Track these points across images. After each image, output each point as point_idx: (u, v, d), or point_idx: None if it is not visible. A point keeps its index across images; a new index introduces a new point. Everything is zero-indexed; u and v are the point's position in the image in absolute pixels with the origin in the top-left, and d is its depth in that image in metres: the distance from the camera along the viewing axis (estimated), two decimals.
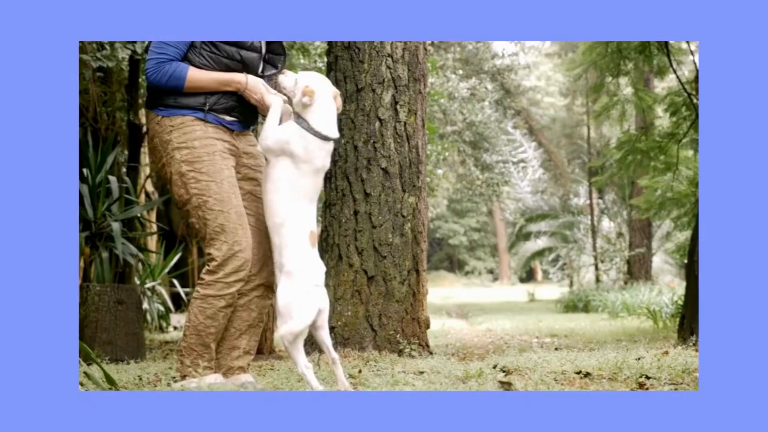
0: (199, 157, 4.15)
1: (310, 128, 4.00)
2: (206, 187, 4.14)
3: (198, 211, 4.17)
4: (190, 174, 4.15)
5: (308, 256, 4.00)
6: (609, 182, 18.65)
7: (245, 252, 4.16)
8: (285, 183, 4.01)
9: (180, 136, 4.17)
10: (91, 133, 8.27)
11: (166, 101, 4.20)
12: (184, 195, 4.19)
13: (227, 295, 4.16)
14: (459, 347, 7.33)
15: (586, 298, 17.06)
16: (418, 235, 6.07)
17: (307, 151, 4.00)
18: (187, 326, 4.21)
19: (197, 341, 4.18)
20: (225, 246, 4.14)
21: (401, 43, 6.04)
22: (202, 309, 4.16)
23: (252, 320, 4.38)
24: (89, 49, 7.95)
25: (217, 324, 4.18)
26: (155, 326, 10.46)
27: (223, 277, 4.14)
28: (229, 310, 4.21)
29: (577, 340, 8.24)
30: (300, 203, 4.03)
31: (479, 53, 22.07)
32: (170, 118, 4.20)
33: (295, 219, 4.01)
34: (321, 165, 4.07)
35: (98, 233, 7.77)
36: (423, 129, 6.21)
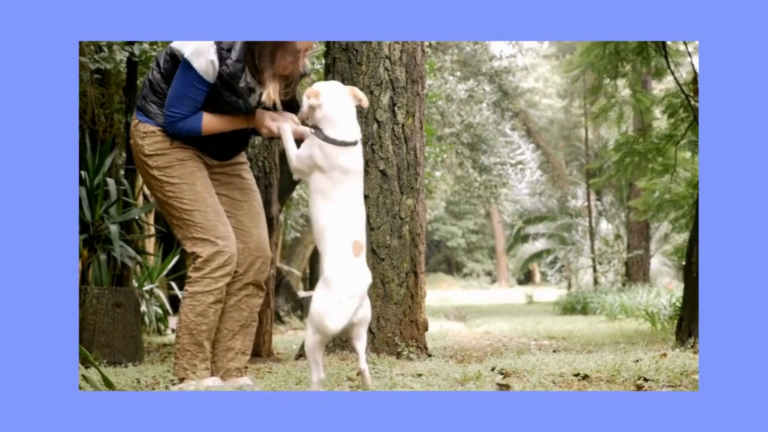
0: (170, 164, 4.25)
1: (326, 138, 3.92)
2: (179, 189, 4.23)
3: (175, 212, 4.26)
4: (163, 179, 4.25)
5: (348, 264, 3.87)
6: (607, 184, 18.68)
7: (229, 247, 4.24)
8: (320, 194, 3.95)
9: (151, 144, 4.26)
10: (89, 135, 8.26)
11: (146, 107, 4.28)
12: (161, 198, 4.29)
13: (215, 290, 4.22)
14: (457, 350, 7.33)
15: (584, 300, 17.06)
16: (416, 237, 6.07)
17: (330, 159, 3.92)
18: (179, 327, 4.25)
19: (190, 341, 4.21)
20: (208, 243, 4.22)
21: (399, 45, 6.04)
22: (191, 307, 4.21)
23: (244, 320, 4.41)
24: (87, 51, 7.95)
25: (208, 321, 4.22)
26: (153, 329, 10.45)
27: (210, 273, 4.21)
28: (218, 306, 4.25)
29: (575, 343, 8.24)
30: (338, 211, 3.92)
31: (477, 55, 22.08)
32: (144, 125, 4.27)
33: (335, 227, 3.90)
34: (351, 167, 3.96)
35: (96, 236, 7.76)
36: (421, 131, 6.20)
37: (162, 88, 4.23)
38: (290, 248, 18.59)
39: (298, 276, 17.46)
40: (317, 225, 3.95)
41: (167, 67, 4.22)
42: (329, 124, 3.94)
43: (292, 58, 4.11)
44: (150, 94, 4.27)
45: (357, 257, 3.90)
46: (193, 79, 4.09)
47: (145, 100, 4.29)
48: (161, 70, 4.23)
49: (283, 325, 12.69)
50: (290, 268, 16.50)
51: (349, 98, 4.01)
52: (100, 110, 8.79)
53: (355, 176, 3.99)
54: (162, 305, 10.75)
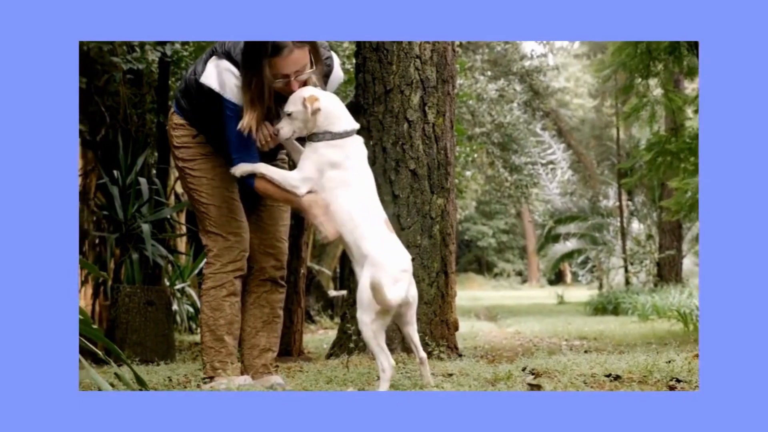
0: (193, 157, 4.36)
1: (335, 134, 4.02)
2: (200, 183, 4.34)
3: (196, 204, 4.38)
4: (187, 170, 4.36)
5: (389, 241, 3.95)
6: (639, 184, 18.58)
7: (240, 243, 4.34)
8: (340, 188, 3.99)
9: (179, 137, 4.37)
10: (121, 134, 8.31)
11: (180, 101, 4.36)
12: (185, 188, 4.43)
13: (227, 283, 4.31)
14: (488, 349, 7.31)
15: (616, 301, 16.96)
16: (446, 237, 6.06)
17: (344, 151, 4.02)
18: (201, 326, 4.37)
19: (211, 337, 4.30)
20: (220, 238, 4.32)
21: (429, 45, 6.04)
22: (207, 303, 4.33)
23: (266, 317, 4.47)
24: (120, 51, 8.00)
25: (225, 315, 4.30)
26: (185, 327, 10.50)
27: (221, 268, 4.31)
28: (233, 300, 4.33)
29: (607, 343, 8.19)
30: (362, 194, 4.01)
31: (508, 54, 22.01)
32: (176, 116, 4.39)
33: (364, 210, 3.98)
34: (361, 151, 4.10)
35: (128, 235, 7.81)
36: (451, 130, 6.20)
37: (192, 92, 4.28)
38: (320, 248, 18.60)
39: (328, 275, 17.46)
40: (345, 214, 3.97)
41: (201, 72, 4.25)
42: (335, 120, 4.03)
43: (281, 83, 4.04)
44: (184, 89, 4.33)
45: (392, 233, 4.00)
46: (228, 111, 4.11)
47: (180, 93, 4.37)
48: (196, 75, 4.25)
49: (314, 324, 12.70)
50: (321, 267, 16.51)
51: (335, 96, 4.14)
52: (133, 110, 8.83)
53: (364, 160, 4.11)
54: (193, 304, 10.79)
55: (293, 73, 4.01)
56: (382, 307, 3.76)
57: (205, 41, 9.85)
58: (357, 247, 3.93)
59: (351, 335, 5.89)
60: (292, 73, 4.01)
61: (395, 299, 3.75)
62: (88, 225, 8.76)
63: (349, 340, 5.89)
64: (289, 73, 4.01)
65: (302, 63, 4.03)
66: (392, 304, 3.75)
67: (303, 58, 4.02)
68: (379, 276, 3.73)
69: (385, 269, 3.80)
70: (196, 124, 4.31)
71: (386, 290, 3.71)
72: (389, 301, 3.72)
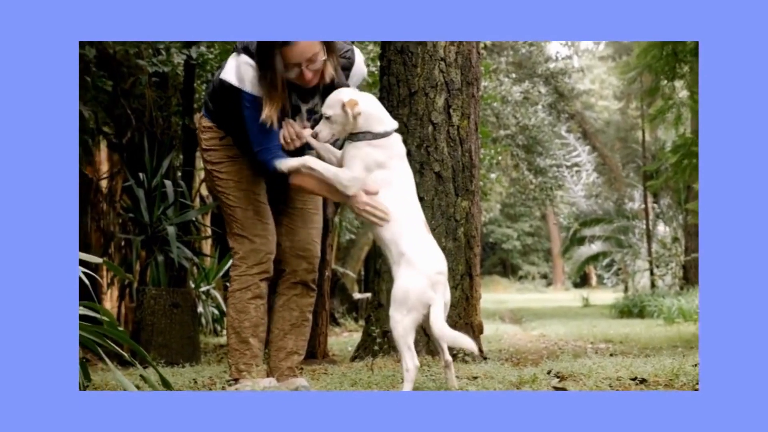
0: (221, 160, 4.37)
1: (378, 134, 4.03)
2: (227, 185, 4.35)
3: (223, 207, 4.40)
4: (215, 173, 4.38)
5: (427, 242, 3.96)
6: (664, 186, 18.49)
7: (266, 245, 4.34)
8: (383, 188, 4.01)
9: (208, 140, 4.39)
10: (147, 137, 8.34)
11: (208, 104, 4.39)
12: (213, 191, 4.46)
13: (252, 286, 4.32)
14: (512, 352, 7.30)
15: (642, 304, 16.90)
16: (471, 240, 6.05)
17: (387, 151, 4.03)
18: (227, 328, 4.40)
19: (236, 339, 4.32)
20: (246, 240, 4.33)
21: (454, 47, 6.03)
22: (232, 305, 4.35)
23: (294, 320, 4.46)
24: (146, 54, 8.03)
25: (250, 317, 4.32)
26: (210, 330, 10.53)
27: (246, 270, 4.32)
28: (259, 302, 4.34)
29: (633, 346, 8.16)
30: (402, 194, 4.02)
31: (532, 56, 21.96)
32: (205, 119, 4.41)
33: (405, 210, 3.99)
34: (402, 150, 4.11)
35: (154, 237, 7.84)
36: (476, 133, 6.19)
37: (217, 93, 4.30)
38: (345, 250, 18.64)
39: (353, 278, 17.50)
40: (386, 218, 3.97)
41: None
42: (377, 121, 4.03)
43: (293, 72, 4.06)
44: (211, 92, 4.37)
45: (429, 235, 4.00)
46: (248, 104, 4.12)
47: (208, 96, 4.40)
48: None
49: (338, 326, 12.71)
50: (345, 269, 16.54)
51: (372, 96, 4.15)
52: (158, 113, 8.88)
53: (405, 158, 4.13)
54: (218, 306, 10.82)
55: (305, 61, 4.02)
56: (415, 311, 3.78)
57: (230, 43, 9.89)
58: (395, 245, 3.93)
59: (375, 338, 5.88)
60: (304, 61, 4.02)
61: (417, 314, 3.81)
62: (114, 227, 8.81)
63: (374, 342, 5.88)
64: (300, 62, 4.02)
65: (312, 51, 4.03)
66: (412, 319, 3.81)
67: (312, 47, 4.02)
68: (413, 282, 3.79)
69: (422, 270, 3.82)
70: (223, 126, 4.32)
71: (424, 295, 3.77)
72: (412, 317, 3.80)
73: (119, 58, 8.68)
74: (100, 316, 3.78)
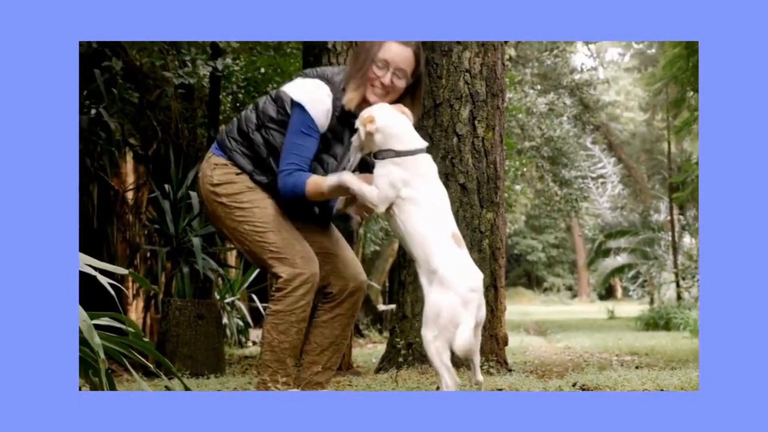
0: (240, 190, 4.21)
1: (399, 152, 3.92)
2: (251, 213, 4.18)
3: (247, 237, 4.20)
4: (233, 205, 4.21)
5: (459, 258, 3.86)
6: (690, 198, 18.38)
7: (309, 266, 4.16)
8: (410, 205, 3.92)
9: (221, 175, 4.23)
10: (172, 149, 8.37)
11: (225, 142, 4.28)
12: (230, 225, 4.24)
13: (298, 309, 4.14)
14: (538, 364, 7.27)
15: (667, 316, 16.80)
16: (496, 251, 6.04)
17: (411, 170, 3.91)
18: (262, 343, 4.23)
19: (272, 357, 4.18)
20: (287, 263, 4.15)
21: (479, 59, 6.04)
22: (274, 325, 4.16)
23: (334, 338, 4.36)
24: (171, 66, 8.07)
25: (291, 339, 4.17)
26: (234, 341, 10.54)
27: (292, 292, 4.13)
28: (302, 325, 4.19)
29: (658, 359, 8.11)
30: (432, 211, 3.92)
31: (557, 68, 21.95)
32: (217, 157, 4.28)
33: (434, 227, 3.89)
34: (430, 170, 3.98)
35: (179, 248, 7.87)
36: (501, 144, 6.18)
37: (249, 127, 4.23)
38: (369, 262, 18.63)
39: (377, 289, 17.50)
40: (416, 234, 3.89)
41: (265, 108, 4.23)
42: (396, 140, 3.92)
43: (378, 68, 4.06)
44: (234, 129, 4.27)
45: (461, 248, 3.89)
46: (302, 125, 4.09)
47: (227, 135, 4.29)
48: (257, 110, 4.24)
49: (363, 338, 12.72)
50: (370, 281, 16.54)
51: (400, 113, 4.01)
52: (184, 125, 8.91)
53: (435, 177, 3.98)
54: (243, 317, 10.84)
55: (393, 66, 4.05)
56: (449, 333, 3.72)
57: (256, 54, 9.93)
58: (426, 263, 3.85)
59: (400, 349, 5.88)
60: (392, 65, 4.05)
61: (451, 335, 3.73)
62: (140, 239, 8.84)
63: (398, 354, 5.88)
64: (389, 62, 4.05)
65: (406, 63, 4.07)
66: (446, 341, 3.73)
67: (407, 59, 4.07)
68: (446, 303, 3.71)
69: (454, 288, 3.75)
70: (245, 162, 4.23)
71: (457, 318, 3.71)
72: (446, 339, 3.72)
73: (145, 70, 8.73)
74: (125, 327, 3.79)
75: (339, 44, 6.79)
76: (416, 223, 3.89)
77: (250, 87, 10.09)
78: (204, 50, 9.05)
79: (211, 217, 4.35)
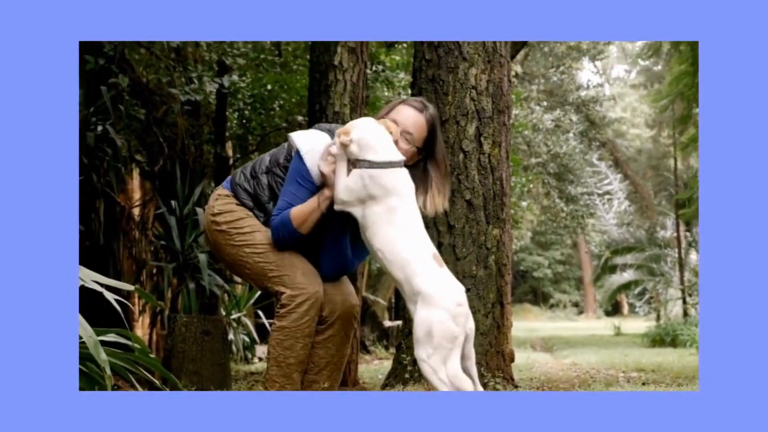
0: (239, 217, 4.27)
1: (372, 163, 3.89)
2: (251, 237, 4.23)
3: (248, 260, 4.24)
4: (232, 231, 4.26)
5: (441, 275, 3.83)
6: (697, 214, 18.38)
7: (312, 281, 4.20)
8: (383, 223, 3.89)
9: (222, 205, 4.30)
10: (179, 165, 8.39)
11: (235, 176, 4.36)
12: (230, 251, 4.28)
13: (302, 325, 4.17)
14: (544, 381, 7.25)
15: (674, 333, 16.75)
16: (502, 268, 6.04)
17: (384, 185, 3.88)
18: (268, 359, 4.26)
19: (278, 372, 4.21)
20: (289, 280, 4.19)
21: (485, 75, 6.04)
22: (279, 341, 4.19)
23: (330, 357, 4.37)
24: (178, 83, 8.10)
25: (296, 354, 4.20)
26: (240, 357, 10.54)
27: (296, 307, 4.16)
28: (307, 341, 4.22)
29: (665, 375, 8.08)
30: (408, 231, 3.88)
31: (564, 84, 21.98)
32: (223, 189, 4.37)
33: (412, 247, 3.86)
34: (405, 189, 3.93)
35: (185, 264, 7.88)
36: (507, 161, 6.18)
37: (261, 168, 4.29)
38: (375, 277, 18.62)
39: (383, 305, 17.47)
40: (393, 252, 3.87)
41: (277, 152, 4.32)
42: (371, 152, 3.91)
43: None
44: (249, 167, 4.35)
45: (442, 268, 3.87)
46: (298, 174, 4.13)
47: (241, 170, 4.37)
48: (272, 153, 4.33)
49: (369, 354, 12.70)
50: (376, 297, 16.53)
51: (382, 127, 3.99)
52: (190, 141, 8.94)
53: (410, 197, 3.95)
54: (249, 333, 10.84)
55: (401, 128, 4.09)
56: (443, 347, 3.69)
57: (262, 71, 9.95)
58: (409, 284, 3.83)
59: (406, 365, 5.87)
60: (400, 125, 4.09)
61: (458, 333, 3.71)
62: (146, 255, 8.85)
63: (405, 370, 5.87)
64: (398, 122, 4.09)
65: (415, 127, 4.13)
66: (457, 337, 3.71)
67: (420, 127, 4.14)
68: (435, 318, 3.69)
69: (440, 305, 3.74)
70: (246, 199, 4.29)
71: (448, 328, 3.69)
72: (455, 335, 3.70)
73: (152, 86, 8.75)
74: (131, 343, 3.80)
75: (345, 61, 6.81)
76: (396, 246, 3.87)
77: (256, 104, 10.11)
78: (210, 67, 9.08)
79: (213, 247, 4.41)
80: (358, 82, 6.94)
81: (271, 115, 10.37)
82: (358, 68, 6.94)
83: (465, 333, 3.79)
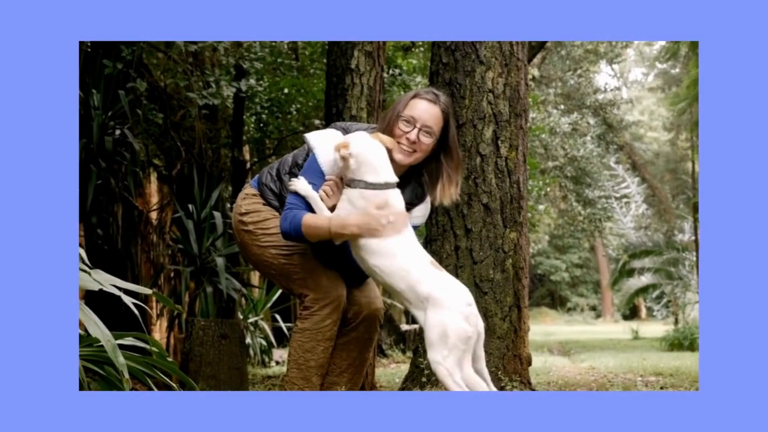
0: (266, 218, 4.28)
1: (369, 184, 3.90)
2: (278, 238, 4.20)
3: (274, 262, 4.26)
4: (258, 231, 4.27)
5: (444, 279, 3.87)
6: None
7: (336, 285, 4.22)
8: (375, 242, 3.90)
9: (249, 204, 4.32)
10: (196, 169, 8.42)
11: (263, 175, 4.36)
12: (256, 251, 4.29)
13: (324, 328, 4.19)
14: (561, 385, 7.24)
15: (692, 336, 16.69)
16: (519, 271, 6.03)
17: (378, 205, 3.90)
18: (288, 360, 4.26)
19: (298, 375, 4.22)
20: (313, 283, 4.20)
21: (502, 79, 6.03)
22: (300, 343, 4.20)
23: (352, 359, 4.39)
24: (195, 87, 8.12)
25: (317, 357, 4.21)
26: (258, 361, 10.55)
27: (319, 310, 4.18)
28: (329, 344, 4.23)
29: (683, 379, 8.06)
30: (401, 244, 3.92)
31: (581, 88, 21.94)
32: (251, 188, 4.38)
33: (407, 258, 3.89)
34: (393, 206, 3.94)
35: (203, 268, 7.90)
36: (524, 164, 6.17)
37: (284, 168, 4.29)
38: None
39: (400, 309, 17.45)
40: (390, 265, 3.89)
41: (298, 153, 4.31)
42: (370, 171, 3.91)
43: (404, 123, 4.07)
44: (275, 167, 4.36)
45: (442, 272, 3.92)
46: (310, 170, 4.12)
47: (267, 170, 4.38)
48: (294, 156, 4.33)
49: (386, 358, 12.69)
50: (393, 301, 16.52)
51: (380, 144, 3.97)
52: (208, 145, 8.97)
53: (403, 213, 3.97)
54: (266, 337, 10.85)
55: (421, 123, 4.06)
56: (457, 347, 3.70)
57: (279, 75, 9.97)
58: (413, 292, 3.85)
59: (423, 369, 5.86)
60: (419, 121, 4.06)
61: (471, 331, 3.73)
62: (164, 259, 8.88)
63: (422, 374, 5.86)
64: (416, 119, 4.06)
65: (434, 121, 4.09)
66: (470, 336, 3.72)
67: (437, 118, 4.10)
68: (448, 318, 3.71)
69: (451, 306, 3.75)
70: (272, 199, 4.29)
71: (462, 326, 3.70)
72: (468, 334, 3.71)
73: (170, 91, 8.78)
74: (149, 346, 3.81)
75: (362, 64, 6.81)
76: (392, 259, 3.90)
77: (273, 107, 10.14)
78: (228, 71, 9.10)
79: (239, 246, 4.43)
80: (375, 86, 6.94)
81: (288, 118, 10.40)
82: (375, 72, 6.94)
83: (477, 333, 3.81)
